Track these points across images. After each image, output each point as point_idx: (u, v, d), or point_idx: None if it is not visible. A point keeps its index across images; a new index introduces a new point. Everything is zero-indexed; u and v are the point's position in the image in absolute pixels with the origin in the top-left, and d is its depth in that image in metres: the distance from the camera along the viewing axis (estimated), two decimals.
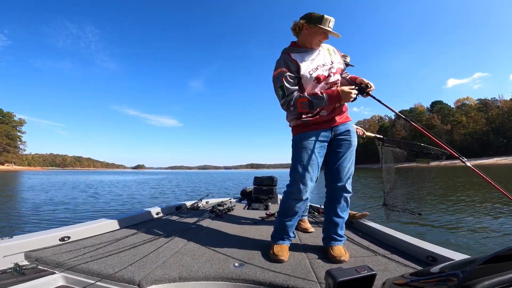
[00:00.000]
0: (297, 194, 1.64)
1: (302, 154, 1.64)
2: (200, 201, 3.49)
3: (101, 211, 7.03)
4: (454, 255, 1.44)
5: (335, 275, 0.80)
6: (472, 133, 74.61)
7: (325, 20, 1.52)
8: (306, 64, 1.58)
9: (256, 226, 2.43)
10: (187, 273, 1.33)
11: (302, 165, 1.63)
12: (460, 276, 0.54)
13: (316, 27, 1.53)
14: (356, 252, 1.72)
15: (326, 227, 1.75)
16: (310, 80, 1.58)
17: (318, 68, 1.59)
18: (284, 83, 1.56)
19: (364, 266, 0.83)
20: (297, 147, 1.68)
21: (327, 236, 1.72)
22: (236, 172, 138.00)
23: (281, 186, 2.09)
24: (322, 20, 1.53)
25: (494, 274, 0.51)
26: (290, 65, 1.57)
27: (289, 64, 1.58)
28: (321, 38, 1.58)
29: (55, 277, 1.33)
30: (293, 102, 1.56)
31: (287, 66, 1.58)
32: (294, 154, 1.70)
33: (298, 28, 1.60)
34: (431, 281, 0.67)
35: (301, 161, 1.63)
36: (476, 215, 5.48)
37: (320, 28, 1.53)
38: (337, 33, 1.56)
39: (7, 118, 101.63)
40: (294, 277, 1.32)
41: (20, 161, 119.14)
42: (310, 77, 1.57)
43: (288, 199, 1.69)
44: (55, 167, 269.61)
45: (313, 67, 1.59)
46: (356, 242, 1.94)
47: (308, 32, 1.57)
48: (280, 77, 1.57)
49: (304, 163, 1.63)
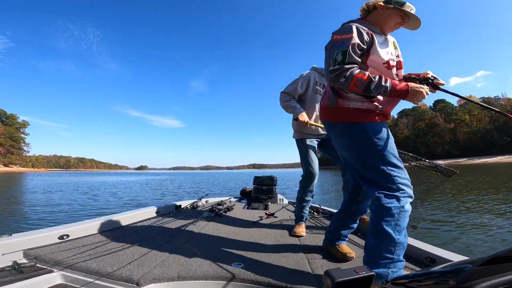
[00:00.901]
0: (409, 198, 1.30)
1: (389, 145, 1.33)
2: (200, 200, 3.48)
3: (102, 210, 7.06)
4: (453, 257, 1.44)
5: (333, 276, 0.78)
6: (476, 132, 74.14)
7: (407, 5, 1.35)
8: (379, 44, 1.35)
9: (255, 226, 2.42)
10: (185, 272, 1.32)
11: (397, 158, 1.34)
12: (459, 277, 0.53)
13: (395, 9, 1.36)
14: (355, 253, 1.70)
15: (338, 228, 1.70)
16: (379, 62, 1.33)
17: (389, 53, 1.37)
18: (350, 50, 1.28)
19: (362, 267, 0.81)
20: (377, 139, 1.32)
21: (336, 237, 1.69)
22: (239, 172, 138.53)
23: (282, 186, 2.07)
24: (404, 4, 1.35)
25: (492, 276, 0.51)
26: (364, 36, 1.31)
27: (363, 34, 1.31)
28: (397, 23, 1.39)
29: (53, 275, 1.32)
30: (349, 74, 1.26)
31: (360, 35, 1.31)
32: (373, 147, 1.32)
33: (373, 7, 1.40)
34: (430, 283, 0.66)
35: (393, 153, 1.33)
36: (475, 216, 5.42)
37: (400, 11, 1.35)
38: (419, 19, 1.36)
39: (10, 120, 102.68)
40: (292, 277, 1.31)
41: (24, 163, 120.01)
42: (380, 58, 1.33)
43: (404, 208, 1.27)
44: (58, 168, 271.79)
45: (386, 51, 1.35)
46: (355, 242, 1.93)
47: (383, 12, 1.38)
48: (347, 42, 1.29)
49: (397, 156, 1.35)
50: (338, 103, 1.40)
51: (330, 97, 1.44)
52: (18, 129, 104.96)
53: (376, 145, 1.32)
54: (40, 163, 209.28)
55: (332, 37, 1.36)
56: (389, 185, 1.27)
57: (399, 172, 1.30)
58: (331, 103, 1.43)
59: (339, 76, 1.28)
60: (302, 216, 2.30)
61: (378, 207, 1.25)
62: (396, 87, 1.26)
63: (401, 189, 1.27)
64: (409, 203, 1.27)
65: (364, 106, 1.35)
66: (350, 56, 1.27)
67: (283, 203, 3.85)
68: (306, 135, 2.34)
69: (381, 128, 1.34)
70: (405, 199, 1.26)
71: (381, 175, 1.30)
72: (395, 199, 1.24)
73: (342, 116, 1.39)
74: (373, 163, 1.31)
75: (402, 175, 1.30)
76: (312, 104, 2.34)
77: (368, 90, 1.26)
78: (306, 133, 2.33)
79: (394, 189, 1.27)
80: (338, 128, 1.41)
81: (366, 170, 1.35)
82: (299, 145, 2.37)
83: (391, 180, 1.28)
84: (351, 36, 1.29)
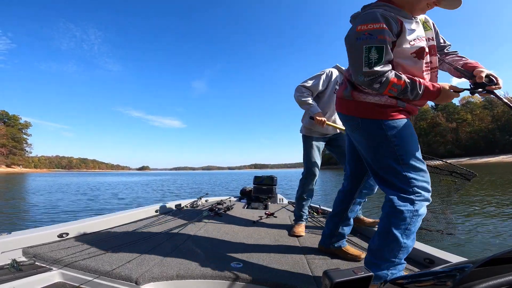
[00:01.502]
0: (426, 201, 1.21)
1: (409, 145, 1.22)
2: (200, 199, 3.48)
3: (102, 211, 7.06)
4: (451, 258, 1.43)
5: (332, 276, 0.76)
6: (478, 131, 73.92)
7: None
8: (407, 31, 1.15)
9: (254, 225, 2.41)
10: (185, 271, 1.31)
11: (418, 158, 1.23)
12: (457, 278, 0.53)
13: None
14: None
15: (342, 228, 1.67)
16: (408, 53, 1.15)
17: (419, 40, 1.16)
18: (386, 47, 1.08)
19: (361, 267, 0.80)
20: (395, 138, 1.20)
21: (340, 239, 1.67)
22: (240, 172, 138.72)
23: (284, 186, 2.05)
24: None
25: (490, 277, 0.51)
26: (392, 25, 1.10)
27: (391, 22, 1.10)
28: (429, 2, 1.15)
29: (52, 274, 1.32)
30: (385, 80, 1.11)
31: (389, 24, 1.09)
32: (390, 147, 1.21)
33: None
34: (428, 283, 0.66)
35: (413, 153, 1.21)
36: (475, 218, 5.38)
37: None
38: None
39: (12, 121, 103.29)
40: (291, 277, 1.31)
41: (27, 163, 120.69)
42: (410, 48, 1.14)
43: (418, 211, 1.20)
44: (61, 169, 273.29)
45: (414, 37, 1.15)
46: (353, 243, 1.92)
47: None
48: (377, 34, 1.07)
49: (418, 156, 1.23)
50: (353, 96, 1.27)
51: (347, 88, 1.30)
52: (21, 130, 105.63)
53: (394, 144, 1.20)
54: (43, 163, 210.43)
55: (355, 28, 1.14)
56: (404, 187, 1.18)
57: (418, 174, 1.20)
58: (347, 95, 1.30)
59: (373, 81, 1.12)
60: (302, 215, 2.28)
61: (391, 209, 1.18)
62: (428, 91, 1.14)
63: (417, 192, 1.17)
64: (425, 206, 1.19)
65: (382, 101, 1.22)
66: (387, 54, 1.10)
67: (283, 203, 3.84)
68: (314, 133, 2.27)
69: (402, 125, 1.21)
70: (421, 203, 1.17)
71: (396, 176, 1.20)
72: (409, 203, 1.16)
73: (357, 110, 1.27)
74: (388, 163, 1.21)
75: (420, 177, 1.20)
76: (328, 104, 2.24)
77: (402, 95, 1.16)
78: (316, 131, 2.27)
79: (409, 192, 1.18)
80: (354, 122, 1.29)
81: (381, 170, 1.25)
82: (305, 141, 2.31)
83: (407, 182, 1.18)
84: (380, 26, 1.08)
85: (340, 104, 1.39)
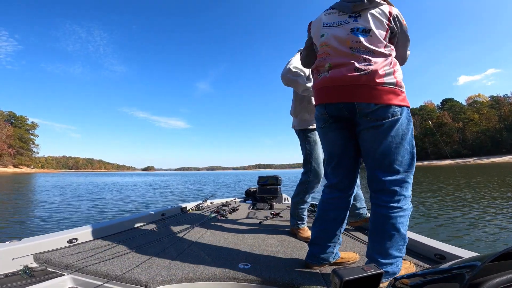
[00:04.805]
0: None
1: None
2: (205, 201, 3.50)
3: (109, 214, 7.14)
4: (463, 253, 1.42)
5: (341, 274, 0.77)
6: (485, 131, 72.86)
7: None
8: None
9: (261, 226, 2.42)
10: (193, 273, 1.32)
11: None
12: (468, 274, 0.52)
13: None
14: (362, 251, 1.69)
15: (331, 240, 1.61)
16: None
17: None
18: None
19: (371, 265, 0.80)
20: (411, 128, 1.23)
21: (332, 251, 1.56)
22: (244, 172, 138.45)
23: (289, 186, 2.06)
24: None
25: (502, 272, 0.51)
26: None
27: None
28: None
29: (64, 279, 1.34)
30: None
31: None
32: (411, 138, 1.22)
33: None
34: (439, 279, 0.65)
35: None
36: (486, 213, 5.35)
37: None
38: None
39: (20, 121, 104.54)
40: (300, 276, 1.30)
41: (34, 164, 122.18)
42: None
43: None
44: (67, 169, 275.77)
45: None
46: (362, 240, 1.91)
47: None
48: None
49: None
50: (397, 83, 1.18)
51: (386, 68, 1.16)
52: (28, 130, 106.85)
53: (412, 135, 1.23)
54: (50, 164, 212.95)
55: (402, 22, 1.29)
56: (409, 183, 1.22)
57: (413, 171, 1.24)
58: (389, 80, 1.15)
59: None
60: (303, 218, 2.13)
61: (398, 209, 1.18)
62: None
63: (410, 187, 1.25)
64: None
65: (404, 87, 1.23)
66: None
67: (288, 202, 3.83)
68: (313, 124, 2.01)
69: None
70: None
71: (408, 171, 1.21)
72: (409, 200, 1.23)
73: (396, 97, 1.17)
74: (407, 157, 1.20)
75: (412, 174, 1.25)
76: None
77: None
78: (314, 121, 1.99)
79: (410, 190, 1.23)
80: (385, 110, 1.16)
81: (395, 165, 1.19)
82: (307, 136, 2.07)
83: (411, 179, 1.22)
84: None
85: (378, 92, 1.15)
